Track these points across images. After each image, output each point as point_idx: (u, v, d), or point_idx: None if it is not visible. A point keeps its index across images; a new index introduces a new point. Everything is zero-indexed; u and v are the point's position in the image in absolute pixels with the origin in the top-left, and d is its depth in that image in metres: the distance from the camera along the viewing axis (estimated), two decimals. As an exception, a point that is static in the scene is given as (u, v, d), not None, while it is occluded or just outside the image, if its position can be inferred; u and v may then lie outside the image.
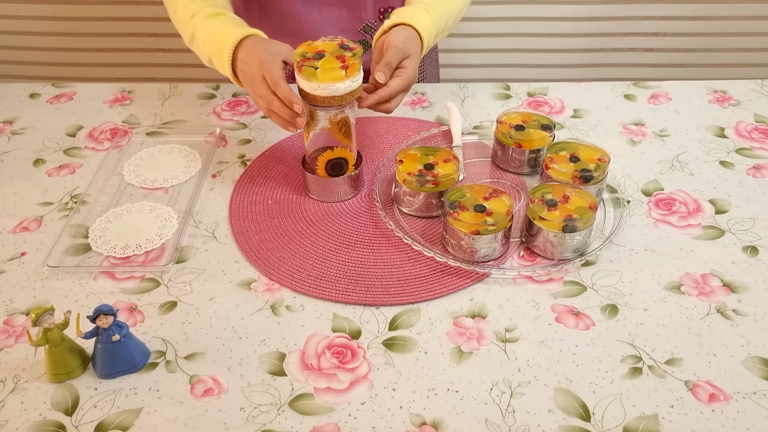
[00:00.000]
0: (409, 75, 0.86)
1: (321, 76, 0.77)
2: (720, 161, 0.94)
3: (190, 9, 0.92)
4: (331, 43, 0.82)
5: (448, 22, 0.96)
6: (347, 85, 0.78)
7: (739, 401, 0.63)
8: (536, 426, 0.61)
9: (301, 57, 0.79)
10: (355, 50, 0.80)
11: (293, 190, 0.90)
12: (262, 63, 0.82)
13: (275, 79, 0.80)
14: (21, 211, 0.88)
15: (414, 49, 0.87)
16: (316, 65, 0.77)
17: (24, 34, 1.78)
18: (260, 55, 0.83)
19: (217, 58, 0.88)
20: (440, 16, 0.93)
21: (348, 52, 0.80)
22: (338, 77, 0.77)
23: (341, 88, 0.78)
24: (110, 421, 0.62)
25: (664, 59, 1.77)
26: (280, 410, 0.63)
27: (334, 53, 0.79)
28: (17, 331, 0.71)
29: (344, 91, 0.79)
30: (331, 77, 0.77)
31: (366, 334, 0.70)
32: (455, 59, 1.79)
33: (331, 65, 0.77)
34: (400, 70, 0.86)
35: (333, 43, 0.82)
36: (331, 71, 0.77)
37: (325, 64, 0.77)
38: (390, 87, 0.84)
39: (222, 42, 0.86)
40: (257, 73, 0.83)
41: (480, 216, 0.76)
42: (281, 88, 0.80)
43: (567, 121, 1.04)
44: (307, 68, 0.77)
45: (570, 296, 0.74)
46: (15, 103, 1.12)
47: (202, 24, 0.90)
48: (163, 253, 0.81)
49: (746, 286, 0.75)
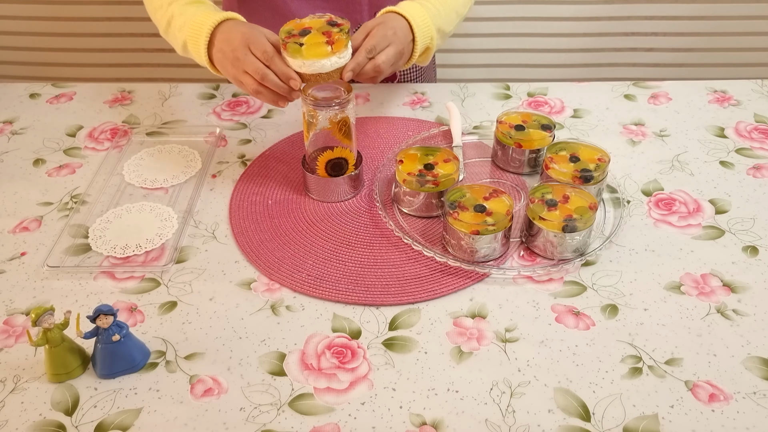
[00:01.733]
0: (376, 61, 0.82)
1: (306, 53, 0.75)
2: (720, 161, 0.94)
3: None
4: (318, 20, 0.80)
5: (447, 22, 0.95)
6: (333, 62, 0.77)
7: (739, 401, 0.63)
8: (536, 426, 0.61)
9: (286, 34, 0.77)
10: (342, 26, 0.79)
11: (293, 190, 0.90)
12: (248, 37, 0.80)
13: (268, 54, 0.78)
14: (21, 211, 0.88)
15: (400, 39, 0.85)
16: (301, 41, 0.75)
17: (24, 34, 1.78)
18: (243, 30, 0.81)
19: (193, 42, 0.85)
20: (438, 13, 0.92)
21: (335, 28, 0.78)
22: (323, 53, 0.76)
23: (327, 65, 0.77)
24: (110, 421, 0.62)
25: (664, 59, 1.77)
26: (280, 410, 0.63)
27: (321, 29, 0.78)
28: (17, 331, 0.71)
29: (330, 67, 0.77)
30: (317, 53, 0.76)
31: (366, 334, 0.70)
32: (455, 59, 1.79)
33: (316, 41, 0.76)
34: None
35: (321, 20, 0.80)
36: (317, 47, 0.75)
37: (310, 41, 0.76)
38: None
39: (199, 25, 0.84)
40: (241, 47, 0.80)
41: (480, 216, 0.76)
42: (276, 63, 0.78)
43: (567, 121, 1.04)
44: (292, 45, 0.76)
45: (570, 296, 0.74)
46: (15, 103, 1.12)
47: (181, 10, 0.88)
48: (163, 253, 0.81)
49: (746, 286, 0.75)
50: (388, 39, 0.84)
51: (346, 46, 0.78)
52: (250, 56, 0.80)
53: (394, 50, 0.84)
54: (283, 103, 0.83)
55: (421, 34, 0.89)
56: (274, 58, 0.79)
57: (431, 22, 0.90)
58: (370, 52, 0.81)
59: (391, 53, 0.84)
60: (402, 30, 0.86)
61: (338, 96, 0.82)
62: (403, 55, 0.87)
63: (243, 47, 0.80)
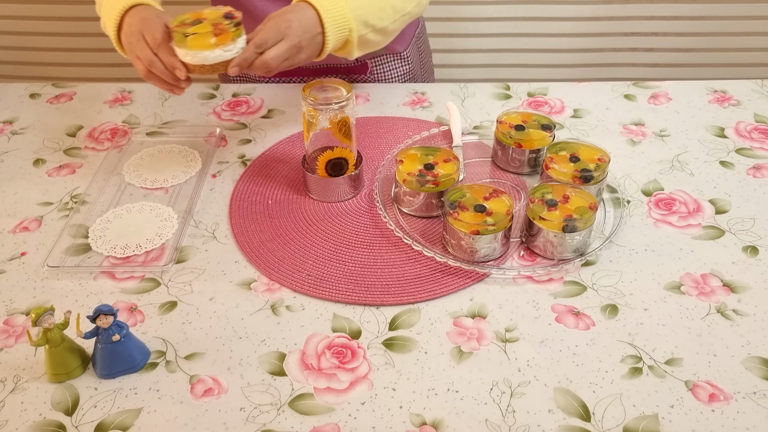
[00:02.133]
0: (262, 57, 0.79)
1: (190, 43, 0.76)
2: (720, 161, 0.94)
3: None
4: (216, 12, 0.80)
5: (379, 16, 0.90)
6: (217, 54, 0.77)
7: (739, 401, 0.63)
8: (536, 426, 0.61)
9: (179, 23, 0.78)
10: (236, 19, 0.78)
11: (293, 190, 0.90)
12: (144, 22, 0.80)
13: (156, 41, 0.78)
14: (21, 211, 0.88)
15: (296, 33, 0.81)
16: (188, 32, 0.75)
17: (24, 34, 1.78)
18: (143, 15, 0.81)
19: (106, 23, 0.85)
20: (363, 5, 0.88)
21: (228, 21, 0.78)
22: (207, 45, 0.76)
23: (210, 57, 0.77)
24: (110, 421, 0.62)
25: (664, 59, 1.77)
26: (280, 410, 0.63)
27: (213, 21, 0.77)
28: (17, 331, 0.71)
29: (214, 59, 0.77)
30: (201, 45, 0.76)
31: (366, 334, 0.70)
32: (455, 59, 1.79)
33: (202, 32, 0.76)
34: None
35: (218, 12, 0.80)
36: (201, 38, 0.75)
37: (197, 30, 0.76)
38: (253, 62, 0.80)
39: (111, 9, 0.85)
40: (136, 31, 0.80)
41: (480, 216, 0.76)
42: (162, 51, 0.78)
43: (567, 121, 1.04)
44: (177, 34, 0.76)
45: (570, 296, 0.74)
46: (15, 103, 1.12)
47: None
48: (163, 253, 0.81)
49: (746, 286, 0.75)
50: (282, 32, 0.81)
51: (234, 39, 0.77)
52: (141, 42, 0.80)
53: (287, 45, 0.81)
54: (178, 90, 0.82)
55: (334, 26, 0.85)
56: (161, 46, 0.79)
57: (350, 14, 0.86)
58: (260, 47, 0.79)
59: (283, 48, 0.81)
60: (304, 22, 0.82)
61: (338, 96, 0.82)
62: (301, 48, 0.83)
63: (137, 33, 0.80)
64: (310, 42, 0.84)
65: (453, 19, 1.73)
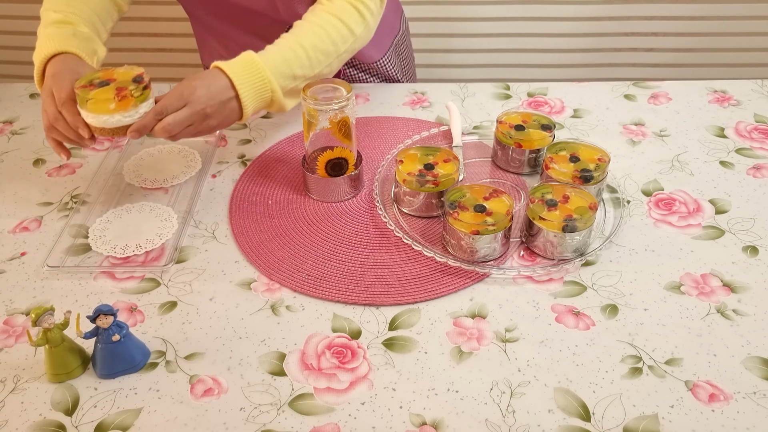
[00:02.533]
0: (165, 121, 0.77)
1: (90, 107, 0.76)
2: (720, 161, 0.94)
3: (46, 6, 0.91)
4: (129, 72, 0.80)
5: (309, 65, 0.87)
6: (117, 119, 0.76)
7: (739, 401, 0.63)
8: (536, 426, 0.61)
9: (86, 82, 0.78)
10: (143, 83, 0.78)
11: (293, 190, 0.90)
12: (55, 78, 0.80)
13: (62, 99, 0.78)
14: (21, 211, 0.88)
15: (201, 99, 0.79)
16: (88, 96, 0.76)
17: (24, 34, 1.78)
18: (58, 68, 0.81)
19: (35, 69, 0.85)
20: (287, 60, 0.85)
21: (135, 85, 0.77)
22: (107, 110, 0.76)
23: (110, 121, 0.77)
24: (110, 421, 0.62)
25: (664, 59, 1.77)
26: (280, 410, 0.63)
27: (121, 83, 0.77)
28: (17, 331, 0.71)
29: (114, 124, 0.77)
30: (100, 109, 0.76)
31: (366, 334, 0.70)
32: (455, 59, 1.79)
33: (104, 97, 0.76)
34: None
35: (129, 74, 0.79)
36: (102, 103, 0.76)
37: (98, 95, 0.76)
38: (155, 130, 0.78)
39: (37, 53, 0.85)
40: (47, 86, 0.81)
41: (480, 216, 0.76)
42: (66, 109, 0.78)
43: (567, 121, 1.04)
44: (80, 96, 0.77)
45: (570, 296, 0.74)
46: (15, 103, 1.12)
47: (41, 29, 0.89)
48: (163, 253, 0.81)
49: (746, 286, 0.75)
50: (185, 99, 0.78)
51: (137, 105, 0.77)
52: (50, 98, 0.80)
53: (189, 111, 0.78)
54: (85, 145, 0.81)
55: (250, 90, 0.82)
56: (66, 104, 0.78)
57: (269, 74, 0.83)
58: (159, 114, 0.77)
59: (184, 115, 0.78)
60: (212, 89, 0.80)
61: (338, 96, 0.82)
62: (208, 115, 0.80)
63: (48, 89, 0.81)
64: (220, 108, 0.80)
65: (453, 19, 1.73)
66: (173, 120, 0.77)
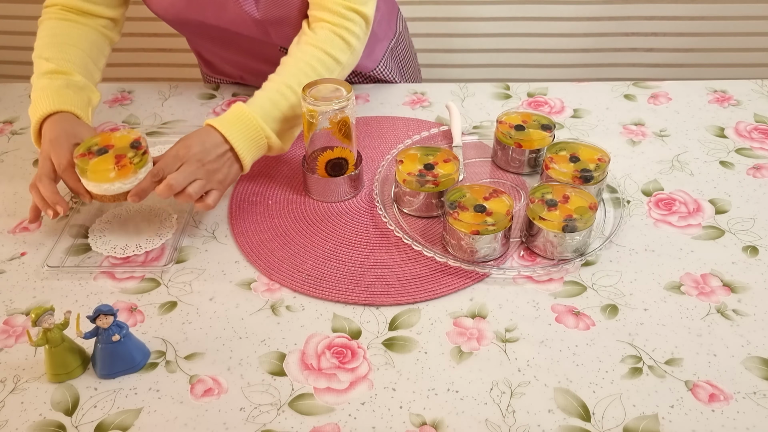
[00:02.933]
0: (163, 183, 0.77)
1: (90, 176, 0.77)
2: (720, 161, 0.94)
3: (39, 52, 0.91)
4: (125, 137, 0.80)
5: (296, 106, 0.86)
6: (117, 187, 0.77)
7: (739, 401, 0.63)
8: (536, 426, 0.61)
9: (85, 150, 0.79)
10: (142, 149, 0.78)
11: (293, 190, 0.90)
12: (53, 143, 0.80)
13: (62, 166, 0.79)
14: (21, 211, 0.88)
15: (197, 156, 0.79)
16: (88, 166, 0.77)
17: (24, 34, 1.78)
18: (54, 134, 0.81)
19: (31, 119, 0.86)
20: (276, 103, 0.84)
21: (134, 151, 0.78)
22: (107, 179, 0.77)
23: (111, 189, 0.78)
24: (110, 421, 0.62)
25: (664, 59, 1.77)
26: (280, 410, 0.63)
27: (119, 151, 0.78)
28: (17, 331, 0.71)
29: (115, 191, 0.78)
30: (100, 178, 0.77)
31: (366, 334, 0.70)
32: (455, 59, 1.79)
33: (102, 167, 0.77)
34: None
35: (127, 138, 0.80)
36: (102, 173, 0.76)
37: (97, 165, 0.77)
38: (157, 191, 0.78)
39: (33, 111, 0.85)
40: (43, 152, 0.81)
41: (480, 216, 0.76)
42: (67, 176, 0.79)
43: (567, 121, 1.04)
44: (79, 166, 0.78)
45: (570, 296, 0.74)
46: (15, 103, 1.12)
47: (35, 78, 0.89)
48: (163, 253, 0.81)
49: (746, 286, 0.75)
50: (181, 158, 0.78)
51: (136, 171, 0.78)
52: (46, 162, 0.80)
53: (187, 168, 0.78)
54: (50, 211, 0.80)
55: (244, 141, 0.82)
56: (66, 172, 0.79)
57: (260, 122, 0.82)
58: (156, 176, 0.78)
59: (186, 172, 0.78)
60: (206, 144, 0.80)
61: (338, 96, 0.82)
62: (210, 171, 0.79)
63: (45, 153, 0.81)
64: (219, 161, 0.80)
65: (453, 19, 1.73)
66: (174, 178, 0.77)
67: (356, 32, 0.90)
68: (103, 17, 0.97)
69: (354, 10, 0.89)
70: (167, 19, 0.98)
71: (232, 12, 0.93)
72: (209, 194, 0.80)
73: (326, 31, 0.88)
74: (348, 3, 0.88)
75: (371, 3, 0.91)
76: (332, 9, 0.88)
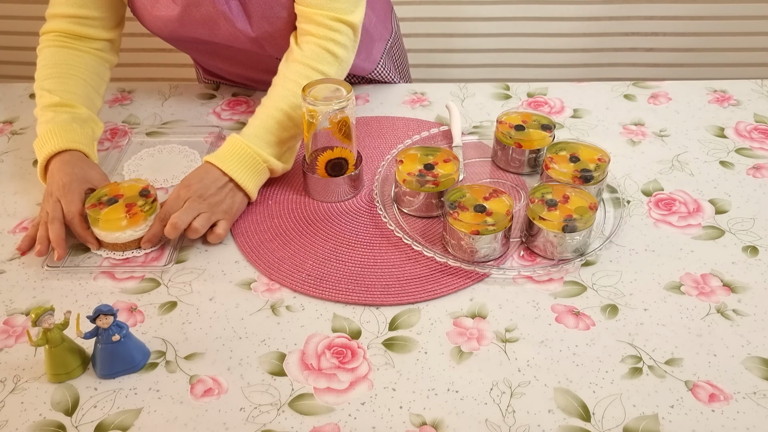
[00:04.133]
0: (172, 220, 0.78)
1: (102, 225, 0.79)
2: (720, 161, 0.94)
3: (41, 83, 0.91)
4: (134, 186, 0.82)
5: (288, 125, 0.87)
6: (129, 234, 0.79)
7: (739, 401, 0.63)
8: (536, 426, 0.61)
9: (95, 200, 0.80)
10: (151, 197, 0.81)
11: (293, 190, 0.90)
12: (64, 189, 0.81)
13: (72, 213, 0.79)
14: (21, 211, 0.88)
15: (198, 192, 0.80)
16: (99, 216, 0.78)
17: (24, 34, 1.78)
18: (68, 178, 0.82)
19: (37, 154, 0.86)
20: (270, 129, 0.86)
21: (143, 200, 0.80)
22: (118, 228, 0.79)
23: (122, 237, 0.79)
24: (110, 422, 0.62)
25: (664, 59, 1.77)
26: (280, 410, 0.63)
27: (129, 200, 0.80)
28: (17, 331, 0.71)
29: (126, 239, 0.79)
30: (112, 227, 0.79)
31: (366, 334, 0.70)
32: (455, 59, 1.79)
33: (114, 216, 0.78)
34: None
35: (136, 187, 0.82)
36: (113, 222, 0.78)
37: (109, 215, 0.78)
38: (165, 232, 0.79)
39: (40, 148, 0.85)
40: (56, 193, 0.81)
41: (480, 216, 0.76)
42: (75, 224, 0.80)
43: (567, 121, 1.04)
44: (91, 215, 0.79)
45: (570, 296, 0.74)
46: (15, 103, 1.12)
47: (39, 110, 0.89)
48: (163, 253, 0.81)
49: (746, 286, 0.75)
50: (183, 197, 0.80)
51: (146, 219, 0.80)
52: (56, 205, 0.80)
53: (190, 205, 0.80)
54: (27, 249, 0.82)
55: (243, 170, 0.83)
56: (74, 220, 0.80)
57: (255, 149, 0.84)
58: (163, 219, 0.79)
59: (188, 209, 0.79)
60: (206, 181, 0.81)
61: (338, 96, 0.82)
62: (216, 204, 0.81)
63: (56, 194, 0.81)
64: (221, 193, 0.82)
65: (453, 19, 1.73)
66: (177, 216, 0.78)
67: (343, 43, 0.90)
68: (100, 39, 0.97)
69: (340, 20, 0.89)
70: (162, 36, 0.99)
71: (226, 30, 0.93)
72: (218, 225, 0.81)
73: (312, 46, 0.89)
74: (334, 14, 0.88)
75: (358, 11, 0.91)
76: (318, 21, 0.88)
